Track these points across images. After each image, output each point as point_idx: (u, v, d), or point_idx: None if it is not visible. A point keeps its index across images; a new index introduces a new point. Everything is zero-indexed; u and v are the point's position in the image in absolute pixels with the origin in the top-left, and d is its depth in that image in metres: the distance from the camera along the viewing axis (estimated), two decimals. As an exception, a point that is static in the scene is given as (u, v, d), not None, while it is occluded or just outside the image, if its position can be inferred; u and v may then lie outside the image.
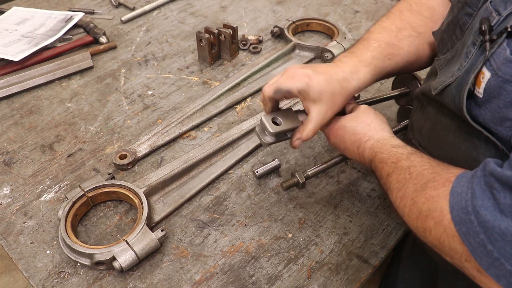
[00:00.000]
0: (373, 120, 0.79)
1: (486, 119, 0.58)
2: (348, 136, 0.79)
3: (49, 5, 1.53)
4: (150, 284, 0.80)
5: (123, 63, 1.30)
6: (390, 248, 0.88)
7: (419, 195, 0.60)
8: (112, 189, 0.91)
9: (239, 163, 1.03)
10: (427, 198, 0.58)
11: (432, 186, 0.59)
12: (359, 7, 1.58)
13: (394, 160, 0.69)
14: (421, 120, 0.78)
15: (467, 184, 0.53)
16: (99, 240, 0.87)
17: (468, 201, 0.51)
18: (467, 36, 0.64)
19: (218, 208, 0.93)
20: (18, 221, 0.89)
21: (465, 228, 0.51)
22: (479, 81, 0.57)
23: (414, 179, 0.63)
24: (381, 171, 0.71)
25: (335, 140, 0.82)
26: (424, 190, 0.59)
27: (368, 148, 0.76)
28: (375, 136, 0.76)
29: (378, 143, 0.75)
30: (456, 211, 0.52)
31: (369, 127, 0.78)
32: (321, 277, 0.82)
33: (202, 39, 1.24)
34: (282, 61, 1.32)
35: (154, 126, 1.10)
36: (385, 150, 0.72)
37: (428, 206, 0.58)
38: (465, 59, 0.61)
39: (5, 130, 1.09)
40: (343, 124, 0.80)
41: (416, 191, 0.61)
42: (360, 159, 0.78)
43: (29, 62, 1.23)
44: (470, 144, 0.64)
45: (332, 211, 0.93)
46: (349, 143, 0.79)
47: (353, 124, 0.79)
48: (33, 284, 0.80)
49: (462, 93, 0.59)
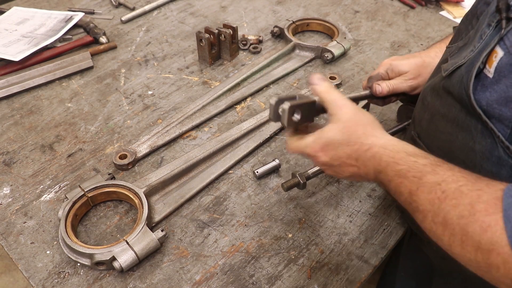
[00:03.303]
0: (366, 126, 0.67)
1: (491, 101, 0.57)
2: (342, 149, 0.66)
3: (49, 5, 1.53)
4: (150, 284, 0.80)
5: (123, 63, 1.30)
6: (391, 248, 0.88)
7: (470, 222, 0.50)
8: (112, 189, 0.91)
9: (239, 163, 1.03)
10: (483, 227, 0.49)
11: (482, 209, 0.50)
12: (359, 7, 1.58)
13: (416, 174, 0.58)
14: (421, 111, 0.78)
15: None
16: (99, 240, 0.87)
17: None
18: (481, 21, 0.64)
19: (218, 208, 0.93)
20: (18, 221, 0.89)
21: None
22: (491, 60, 0.57)
23: (452, 199, 0.53)
24: (400, 187, 0.61)
25: (325, 159, 0.68)
26: (474, 216, 0.50)
27: (371, 158, 0.64)
28: (377, 143, 0.65)
29: (386, 151, 0.63)
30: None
31: (365, 135, 0.66)
32: (321, 277, 0.82)
33: (202, 39, 1.24)
34: (282, 61, 1.32)
35: (154, 126, 1.10)
36: (401, 160, 0.61)
37: (488, 238, 0.48)
38: (479, 41, 0.61)
39: (5, 130, 1.09)
40: (330, 139, 0.67)
41: (463, 217, 0.51)
42: (361, 173, 0.67)
43: (29, 62, 1.23)
44: (467, 134, 0.63)
45: (332, 211, 0.93)
46: (345, 157, 0.67)
47: (343, 137, 0.66)
48: (33, 284, 0.80)
49: (471, 72, 0.58)
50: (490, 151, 0.60)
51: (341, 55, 1.32)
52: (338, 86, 1.23)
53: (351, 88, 1.23)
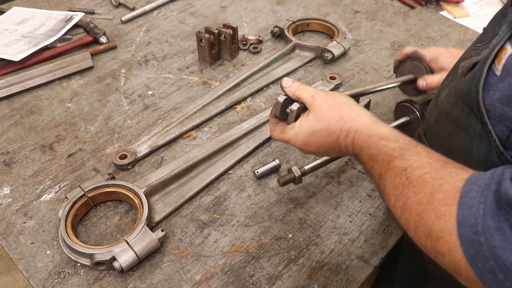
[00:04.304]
0: (342, 109, 0.69)
1: (493, 100, 0.56)
2: (323, 138, 0.70)
3: (49, 5, 1.53)
4: (150, 284, 0.80)
5: (123, 63, 1.30)
6: (391, 248, 0.88)
7: (427, 209, 0.51)
8: (112, 189, 0.91)
9: (239, 163, 1.03)
10: (437, 215, 0.50)
11: (441, 198, 0.50)
12: (359, 7, 1.58)
13: (385, 157, 0.61)
14: (432, 109, 0.77)
15: (479, 196, 0.46)
16: (99, 240, 0.87)
17: (479, 218, 0.44)
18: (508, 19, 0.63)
19: (218, 208, 0.93)
20: (18, 221, 0.89)
21: (473, 250, 0.44)
22: (500, 57, 0.56)
23: (414, 186, 0.55)
24: (372, 169, 0.64)
25: (311, 150, 0.73)
26: (432, 204, 0.51)
27: (350, 143, 0.68)
28: (353, 127, 0.67)
29: (360, 135, 0.66)
30: (464, 228, 0.46)
31: (343, 120, 0.68)
32: (322, 277, 0.82)
33: (202, 39, 1.24)
34: (282, 61, 1.32)
35: (154, 126, 1.10)
36: (372, 144, 0.64)
37: (440, 226, 0.49)
38: (496, 38, 0.60)
39: (5, 130, 1.09)
40: (311, 129, 0.70)
41: (421, 204, 0.52)
42: (345, 154, 0.72)
43: (29, 62, 1.23)
44: (466, 135, 0.63)
45: (332, 211, 0.93)
46: (328, 145, 0.70)
47: (322, 124, 0.69)
48: (33, 284, 0.80)
49: (484, 68, 0.58)
50: (486, 155, 0.59)
51: (341, 55, 1.32)
52: (338, 86, 1.23)
53: (351, 88, 1.23)
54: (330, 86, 1.22)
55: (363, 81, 1.25)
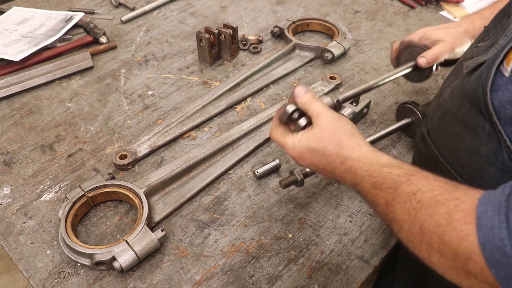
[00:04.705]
0: (343, 136, 0.67)
1: (503, 101, 0.55)
2: (317, 158, 0.69)
3: (49, 5, 1.53)
4: (150, 284, 0.80)
5: (123, 63, 1.30)
6: (391, 248, 0.88)
7: (447, 231, 0.49)
8: (112, 189, 0.91)
9: (239, 163, 1.03)
10: (460, 236, 0.48)
11: (460, 218, 0.48)
12: (359, 7, 1.58)
13: (390, 184, 0.59)
14: (435, 108, 0.77)
15: (497, 215, 0.45)
16: (99, 240, 0.87)
17: (504, 240, 0.43)
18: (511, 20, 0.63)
19: (218, 208, 0.93)
20: (18, 221, 0.89)
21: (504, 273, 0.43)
22: (509, 58, 0.56)
23: (427, 208, 0.52)
24: (376, 198, 0.61)
25: (304, 164, 0.72)
26: (451, 224, 0.49)
27: (347, 170, 0.66)
28: (352, 155, 0.65)
29: (360, 163, 0.64)
30: (490, 251, 0.44)
31: (340, 146, 0.66)
32: (322, 277, 0.82)
33: (202, 39, 1.24)
34: (282, 61, 1.32)
35: (154, 126, 1.10)
36: (375, 172, 0.61)
37: (465, 247, 0.47)
38: (503, 38, 0.60)
39: (5, 130, 1.09)
40: (309, 146, 0.69)
41: (440, 226, 0.50)
42: (339, 180, 0.70)
43: (29, 62, 1.23)
44: (474, 135, 0.62)
45: (332, 211, 0.93)
46: (321, 166, 0.69)
47: (320, 145, 0.68)
48: (33, 284, 0.80)
49: (491, 68, 0.57)
50: (495, 155, 0.59)
51: (341, 55, 1.32)
52: (338, 86, 1.23)
53: (351, 88, 1.23)
54: (330, 86, 1.22)
55: (363, 81, 1.25)
